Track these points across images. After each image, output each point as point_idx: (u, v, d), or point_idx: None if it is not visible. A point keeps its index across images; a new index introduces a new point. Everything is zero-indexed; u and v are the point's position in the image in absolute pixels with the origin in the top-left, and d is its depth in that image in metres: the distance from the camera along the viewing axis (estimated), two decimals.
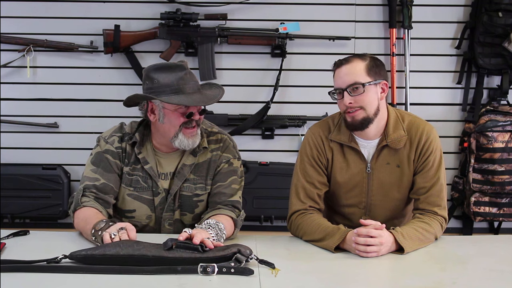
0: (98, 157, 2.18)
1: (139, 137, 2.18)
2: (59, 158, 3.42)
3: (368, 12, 3.44)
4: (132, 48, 3.36)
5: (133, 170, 2.18)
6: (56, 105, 3.42)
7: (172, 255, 1.71)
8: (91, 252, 1.74)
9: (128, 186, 2.18)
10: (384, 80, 2.11)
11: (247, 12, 3.40)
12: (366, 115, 2.08)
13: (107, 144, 2.19)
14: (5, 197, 3.30)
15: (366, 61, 2.09)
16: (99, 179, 2.14)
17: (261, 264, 1.74)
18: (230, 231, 2.06)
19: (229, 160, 2.22)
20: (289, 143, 3.49)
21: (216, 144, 2.22)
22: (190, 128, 2.10)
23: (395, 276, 1.84)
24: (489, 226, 3.56)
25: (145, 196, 2.17)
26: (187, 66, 2.13)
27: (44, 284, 1.61)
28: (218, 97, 2.13)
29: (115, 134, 2.21)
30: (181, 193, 2.18)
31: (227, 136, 2.27)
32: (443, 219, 2.11)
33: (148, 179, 2.17)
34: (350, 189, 2.19)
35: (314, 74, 3.42)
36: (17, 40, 3.33)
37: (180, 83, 2.07)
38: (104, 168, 2.16)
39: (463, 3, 3.44)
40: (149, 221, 2.20)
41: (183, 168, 2.18)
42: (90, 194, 2.11)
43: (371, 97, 2.07)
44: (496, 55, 3.34)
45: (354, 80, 2.05)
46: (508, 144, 3.27)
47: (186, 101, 2.06)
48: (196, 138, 2.13)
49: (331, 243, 1.95)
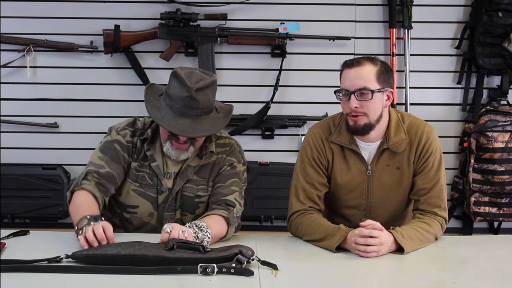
0: (107, 145, 2.17)
1: (150, 134, 2.17)
2: (59, 158, 3.42)
3: (368, 12, 3.44)
4: (132, 48, 3.36)
5: (141, 167, 2.17)
6: (56, 105, 3.42)
7: (173, 255, 1.71)
8: (92, 252, 1.74)
9: (134, 182, 2.17)
10: (391, 88, 2.09)
11: (247, 12, 3.40)
12: (369, 121, 2.07)
13: (119, 135, 2.17)
14: (5, 197, 3.31)
15: (377, 66, 2.05)
16: (104, 166, 2.12)
17: (263, 265, 1.74)
18: (221, 229, 2.02)
19: (232, 163, 2.20)
20: (289, 143, 3.49)
21: (223, 147, 2.22)
22: (177, 142, 2.09)
23: (395, 276, 1.84)
24: (489, 226, 3.56)
25: (149, 193, 2.17)
26: (206, 85, 2.03)
27: (45, 284, 1.61)
28: (209, 133, 2.09)
29: (128, 128, 2.19)
30: (183, 193, 2.18)
31: (235, 141, 2.26)
32: (443, 220, 2.11)
33: (154, 176, 2.17)
34: (350, 190, 2.18)
35: (314, 74, 3.42)
36: (17, 40, 3.33)
37: (178, 103, 2.03)
38: (112, 157, 2.14)
39: (463, 3, 3.44)
40: (151, 218, 2.20)
41: (187, 169, 2.17)
42: (92, 178, 2.09)
43: (377, 104, 2.05)
44: (496, 55, 3.34)
45: (364, 85, 2.02)
46: (508, 144, 3.27)
47: (168, 125, 2.03)
48: (182, 154, 2.11)
49: (332, 243, 1.95)
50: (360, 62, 2.05)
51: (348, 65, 2.07)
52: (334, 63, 3.28)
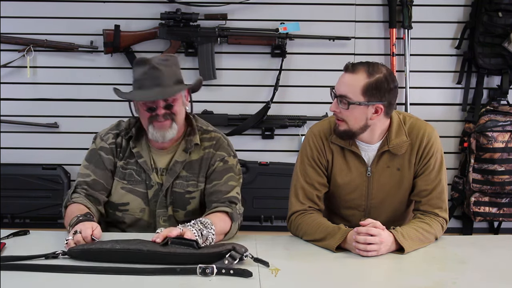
0: (91, 153, 2.23)
1: (135, 132, 2.21)
2: (59, 158, 3.42)
3: (368, 12, 3.44)
4: (132, 48, 3.36)
5: (127, 164, 2.20)
6: (56, 105, 3.42)
7: (167, 250, 1.73)
8: (87, 247, 1.78)
9: (121, 180, 2.20)
10: (381, 103, 2.02)
11: (247, 12, 3.40)
12: (349, 128, 2.06)
13: (102, 141, 2.22)
14: (5, 197, 3.30)
15: (371, 79, 2.00)
16: (90, 175, 2.18)
17: (256, 262, 1.74)
18: (225, 226, 2.03)
19: (223, 158, 2.21)
20: (289, 143, 3.49)
21: (210, 142, 2.23)
22: (158, 121, 2.12)
23: (395, 276, 1.84)
24: (489, 226, 3.56)
25: (138, 189, 2.19)
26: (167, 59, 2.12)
27: (43, 283, 1.61)
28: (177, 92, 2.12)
29: (111, 132, 2.24)
30: (173, 190, 2.19)
31: (222, 135, 2.27)
32: (444, 220, 2.10)
33: (141, 172, 2.19)
34: (350, 191, 2.18)
35: (314, 74, 3.43)
36: (17, 40, 3.33)
37: (142, 78, 2.09)
38: (96, 165, 2.19)
39: (463, 3, 3.44)
40: (143, 214, 2.20)
41: (175, 164, 2.19)
42: (81, 190, 2.15)
43: (356, 116, 2.03)
44: (496, 55, 3.34)
45: (345, 94, 2.01)
46: (508, 144, 3.27)
47: (137, 96, 2.11)
48: (167, 132, 2.13)
49: (332, 242, 1.95)
50: (356, 69, 2.02)
51: (345, 68, 2.06)
52: (334, 63, 3.32)
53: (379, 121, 2.07)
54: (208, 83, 3.40)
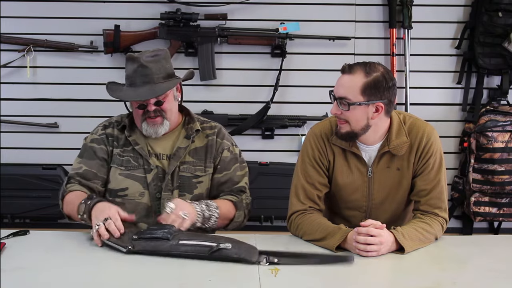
0: (82, 149, 2.29)
1: (128, 122, 2.27)
2: (59, 158, 3.42)
3: (368, 12, 3.44)
4: (132, 48, 3.35)
5: (124, 152, 2.25)
6: (56, 105, 3.42)
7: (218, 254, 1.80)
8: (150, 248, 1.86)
9: (119, 166, 2.23)
10: (381, 102, 2.02)
11: (247, 12, 3.40)
12: (351, 129, 2.06)
13: (92, 135, 2.29)
14: (5, 197, 3.30)
15: (369, 78, 2.00)
16: (82, 167, 2.23)
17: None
18: (229, 212, 2.18)
19: (229, 147, 2.30)
20: (289, 143, 3.49)
21: (211, 130, 2.31)
22: (150, 118, 2.18)
23: (395, 276, 1.84)
24: (489, 226, 3.56)
25: (136, 174, 2.22)
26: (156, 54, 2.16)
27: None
28: (166, 90, 2.16)
29: (100, 126, 2.31)
30: (180, 174, 2.23)
31: (220, 125, 2.36)
32: (444, 220, 2.10)
33: (139, 158, 2.23)
34: (351, 192, 2.18)
35: (314, 74, 3.42)
36: (17, 40, 3.33)
37: (132, 76, 2.15)
38: (88, 157, 2.24)
39: (463, 3, 3.44)
40: (142, 197, 2.22)
41: (178, 150, 2.24)
42: (74, 180, 2.21)
43: (357, 116, 2.03)
44: (496, 55, 3.34)
45: (344, 95, 2.01)
46: (508, 144, 3.27)
47: (127, 95, 2.17)
48: (159, 128, 2.20)
49: (332, 242, 1.95)
50: (353, 70, 2.02)
51: (342, 69, 2.06)
52: (334, 63, 3.32)
53: (380, 120, 2.07)
54: (208, 83, 3.40)
